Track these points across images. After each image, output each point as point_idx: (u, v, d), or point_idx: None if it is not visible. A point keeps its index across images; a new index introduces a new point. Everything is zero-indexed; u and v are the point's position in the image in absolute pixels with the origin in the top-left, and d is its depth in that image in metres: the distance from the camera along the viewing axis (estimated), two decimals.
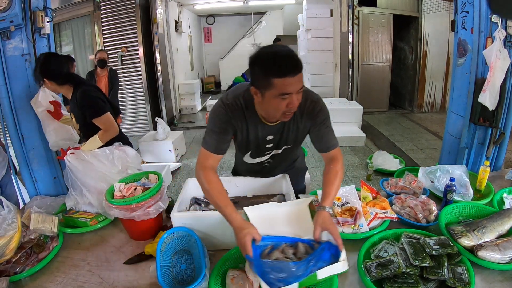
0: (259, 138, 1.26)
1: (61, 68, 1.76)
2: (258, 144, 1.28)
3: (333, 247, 0.99)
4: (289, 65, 0.97)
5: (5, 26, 1.62)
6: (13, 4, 1.60)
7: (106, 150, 1.55)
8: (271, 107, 1.07)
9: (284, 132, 1.26)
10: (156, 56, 5.46)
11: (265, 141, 1.28)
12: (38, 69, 1.70)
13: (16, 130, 1.77)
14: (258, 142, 1.28)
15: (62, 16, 5.18)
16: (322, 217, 1.06)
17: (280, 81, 0.98)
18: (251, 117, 1.19)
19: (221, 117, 1.18)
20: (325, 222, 1.05)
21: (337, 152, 1.26)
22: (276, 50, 1.01)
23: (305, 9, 6.24)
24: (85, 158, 1.50)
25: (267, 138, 1.26)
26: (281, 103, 1.03)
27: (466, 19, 1.84)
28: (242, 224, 1.00)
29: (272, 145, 1.30)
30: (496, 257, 1.04)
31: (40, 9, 1.73)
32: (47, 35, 1.84)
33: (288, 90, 1.00)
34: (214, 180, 1.13)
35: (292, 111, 1.08)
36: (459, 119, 2.00)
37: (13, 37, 1.68)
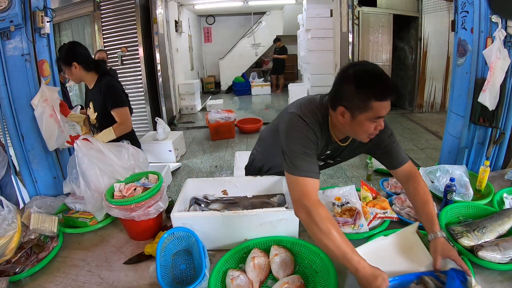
0: (322, 153, 1.21)
1: (89, 54, 1.86)
2: (319, 156, 1.21)
3: (460, 273, 0.93)
4: (390, 88, 0.94)
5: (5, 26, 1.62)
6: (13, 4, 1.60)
7: (122, 146, 1.50)
8: (361, 129, 1.01)
9: (341, 149, 1.22)
10: (156, 56, 5.46)
11: (325, 154, 1.24)
12: (66, 53, 1.78)
13: (16, 130, 1.77)
14: (319, 155, 1.21)
15: (62, 16, 5.18)
16: (440, 245, 0.99)
17: (379, 105, 0.94)
18: (324, 135, 1.12)
19: (311, 137, 1.06)
20: (445, 249, 0.97)
21: (412, 166, 1.19)
22: (374, 69, 0.96)
23: (305, 9, 6.24)
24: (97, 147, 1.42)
25: (325, 153, 1.23)
26: (371, 126, 0.99)
27: (466, 19, 1.84)
28: (375, 271, 0.87)
29: (326, 157, 1.28)
30: (496, 257, 1.03)
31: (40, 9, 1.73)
32: (47, 35, 1.84)
33: (383, 114, 0.97)
34: (331, 218, 0.95)
35: (377, 133, 1.04)
36: (459, 119, 2.00)
37: (13, 37, 1.68)
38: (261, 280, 1.04)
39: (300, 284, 1.00)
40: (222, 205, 1.41)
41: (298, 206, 0.99)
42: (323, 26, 6.13)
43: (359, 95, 0.95)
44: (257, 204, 1.40)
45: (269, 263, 1.09)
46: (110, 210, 1.25)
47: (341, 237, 0.91)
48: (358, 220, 1.27)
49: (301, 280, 1.01)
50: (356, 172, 3.81)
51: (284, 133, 1.08)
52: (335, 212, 1.31)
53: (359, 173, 3.76)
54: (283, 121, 1.13)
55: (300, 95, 6.72)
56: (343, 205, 1.35)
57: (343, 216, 1.29)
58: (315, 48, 6.28)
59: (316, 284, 1.03)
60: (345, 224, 1.26)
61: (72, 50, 1.79)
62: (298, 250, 1.15)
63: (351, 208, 1.33)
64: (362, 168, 3.90)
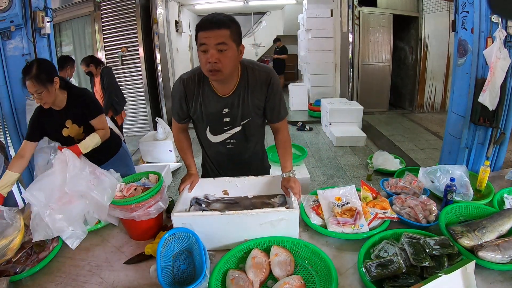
0: (214, 111, 1.35)
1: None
2: (215, 117, 1.36)
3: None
4: (209, 21, 1.13)
5: (6, 26, 1.62)
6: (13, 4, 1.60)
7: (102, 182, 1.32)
8: (200, 62, 1.20)
9: (239, 104, 1.33)
10: (156, 56, 5.46)
11: (222, 115, 1.35)
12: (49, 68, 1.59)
13: (16, 130, 1.78)
14: (214, 115, 1.36)
15: (62, 16, 5.18)
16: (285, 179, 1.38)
17: (200, 34, 1.15)
18: (206, 90, 1.32)
19: (177, 88, 1.35)
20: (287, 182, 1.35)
21: (282, 124, 1.45)
22: (210, 14, 1.17)
23: (305, 9, 6.24)
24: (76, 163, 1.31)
25: (223, 111, 1.35)
26: (203, 56, 1.16)
27: (466, 19, 1.84)
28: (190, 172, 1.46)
29: (230, 119, 1.37)
30: (496, 257, 1.03)
31: (40, 9, 1.74)
32: (47, 35, 1.84)
33: (204, 41, 1.13)
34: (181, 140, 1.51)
35: (214, 68, 1.16)
36: (459, 119, 2.00)
37: (14, 37, 1.68)
38: (261, 280, 1.04)
39: (300, 284, 1.00)
40: (222, 205, 1.41)
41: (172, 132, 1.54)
42: (323, 26, 6.13)
43: (196, 32, 1.18)
44: (258, 204, 1.40)
45: (269, 263, 1.09)
46: (110, 210, 1.25)
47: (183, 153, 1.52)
48: (358, 220, 1.26)
49: (301, 280, 1.01)
50: (356, 172, 3.81)
51: None
52: (335, 212, 1.31)
53: (359, 173, 3.76)
54: None
55: (300, 95, 6.72)
56: (343, 205, 1.35)
57: (343, 216, 1.29)
58: (315, 48, 6.27)
59: (316, 284, 1.03)
60: (345, 224, 1.26)
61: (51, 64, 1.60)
62: (298, 250, 1.15)
63: (351, 208, 1.33)
64: (362, 168, 3.90)
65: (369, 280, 0.99)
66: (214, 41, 1.12)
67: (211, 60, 1.14)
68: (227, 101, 1.32)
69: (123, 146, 2.06)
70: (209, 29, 1.13)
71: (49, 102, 1.60)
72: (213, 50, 1.13)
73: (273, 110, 1.39)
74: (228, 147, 1.46)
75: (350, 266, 1.10)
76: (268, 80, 1.32)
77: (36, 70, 1.52)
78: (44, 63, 1.60)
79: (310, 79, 6.59)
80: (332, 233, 1.24)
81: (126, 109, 5.44)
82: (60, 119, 1.68)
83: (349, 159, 4.20)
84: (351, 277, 1.06)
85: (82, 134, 1.73)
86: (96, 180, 1.30)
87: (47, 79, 1.55)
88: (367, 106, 5.52)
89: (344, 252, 1.19)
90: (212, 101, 1.33)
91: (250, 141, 1.48)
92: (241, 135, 1.43)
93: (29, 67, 1.54)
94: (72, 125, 1.70)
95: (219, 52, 1.14)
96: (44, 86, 1.53)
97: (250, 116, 1.38)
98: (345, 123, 5.01)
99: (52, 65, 1.66)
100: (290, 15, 8.31)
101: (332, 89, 6.51)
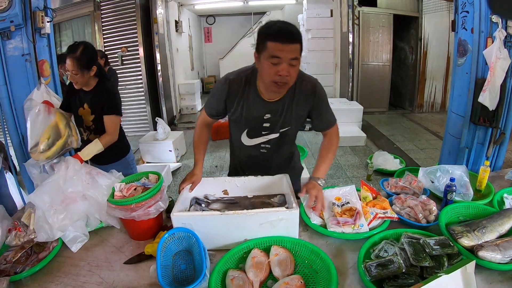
0: (256, 115, 1.32)
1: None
2: (256, 121, 1.34)
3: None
4: (284, 33, 1.09)
5: (5, 26, 1.62)
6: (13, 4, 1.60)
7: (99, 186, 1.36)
8: (264, 71, 1.15)
9: (282, 112, 1.31)
10: (156, 56, 5.46)
11: (263, 120, 1.33)
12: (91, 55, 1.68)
13: (16, 130, 1.78)
14: (255, 119, 1.34)
15: (62, 16, 5.18)
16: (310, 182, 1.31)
17: (273, 45, 1.09)
18: (251, 94, 1.29)
19: (220, 86, 1.32)
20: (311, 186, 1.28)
21: (334, 130, 1.42)
22: (279, 21, 1.13)
23: (305, 9, 6.24)
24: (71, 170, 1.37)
25: (265, 116, 1.32)
26: (271, 67, 1.12)
27: (466, 19, 1.84)
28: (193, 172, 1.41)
29: (269, 125, 1.35)
30: (496, 257, 1.03)
31: (40, 9, 1.74)
32: (47, 35, 1.84)
33: (278, 54, 1.09)
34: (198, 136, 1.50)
35: (282, 81, 1.14)
36: (459, 119, 2.00)
37: (13, 37, 1.68)
38: (261, 280, 1.04)
39: (300, 284, 1.00)
40: (222, 205, 1.41)
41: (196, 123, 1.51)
42: (323, 26, 6.13)
43: (261, 38, 1.14)
44: (258, 204, 1.40)
45: (269, 263, 1.09)
46: (111, 210, 1.25)
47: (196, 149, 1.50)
48: (358, 220, 1.26)
49: (301, 280, 1.01)
50: (356, 172, 3.81)
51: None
52: (335, 212, 1.31)
53: (359, 173, 3.76)
54: None
55: None
56: (343, 205, 1.35)
57: (343, 216, 1.29)
58: (315, 48, 6.27)
59: (316, 284, 1.03)
60: (345, 224, 1.26)
61: (95, 51, 1.71)
62: (298, 250, 1.15)
63: (351, 208, 1.33)
64: (362, 168, 3.90)
65: (369, 280, 0.99)
66: (289, 55, 1.10)
67: (282, 73, 1.11)
68: (271, 107, 1.30)
69: (128, 157, 2.06)
70: (284, 42, 1.09)
71: (80, 84, 1.74)
72: (285, 64, 1.11)
73: (321, 118, 1.38)
74: (261, 151, 1.45)
75: (350, 266, 1.10)
76: (313, 90, 1.31)
77: (80, 53, 1.64)
78: (89, 48, 1.70)
79: None
80: (332, 233, 1.24)
81: (126, 109, 5.46)
82: (82, 99, 1.81)
83: (349, 159, 4.20)
84: (351, 277, 1.06)
85: (91, 122, 1.83)
86: (91, 179, 1.35)
87: (86, 65, 1.68)
88: (367, 106, 5.52)
89: (344, 252, 1.19)
90: (256, 104, 1.30)
91: (283, 148, 1.47)
92: (276, 142, 1.42)
93: (75, 46, 1.65)
94: (87, 109, 1.80)
95: (290, 66, 1.12)
96: (81, 70, 1.67)
97: (289, 125, 1.36)
98: (345, 123, 5.01)
99: (95, 52, 1.75)
100: (290, 15, 8.30)
101: (332, 89, 6.51)
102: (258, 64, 1.19)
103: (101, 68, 1.82)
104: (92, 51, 1.72)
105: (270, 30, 1.12)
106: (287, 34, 1.09)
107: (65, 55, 1.66)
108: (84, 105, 1.80)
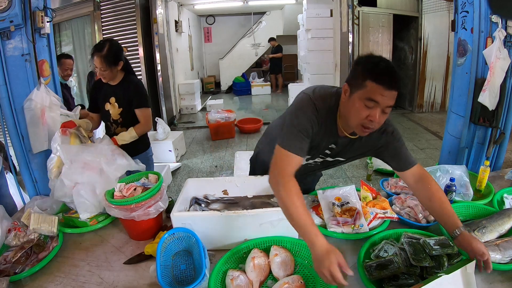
0: (325, 144, 1.21)
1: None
2: (318, 149, 1.22)
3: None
4: (391, 77, 0.98)
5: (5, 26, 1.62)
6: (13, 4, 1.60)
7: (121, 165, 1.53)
8: (353, 109, 1.03)
9: (346, 145, 1.21)
10: (156, 56, 5.45)
11: (327, 148, 1.23)
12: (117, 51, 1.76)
13: (16, 130, 1.77)
14: (322, 147, 1.22)
15: (62, 16, 5.17)
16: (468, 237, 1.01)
17: (374, 86, 0.97)
18: (329, 126, 1.14)
19: (309, 116, 1.08)
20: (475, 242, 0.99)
21: (422, 169, 1.20)
22: (383, 60, 1.02)
23: (305, 9, 6.23)
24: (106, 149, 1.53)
25: (330, 146, 1.22)
26: (364, 109, 1.00)
27: (466, 19, 1.84)
28: (330, 247, 0.90)
29: (330, 153, 1.26)
30: (496, 257, 1.04)
31: (40, 9, 1.73)
32: (47, 35, 1.84)
33: (377, 99, 0.98)
34: (298, 192, 1.00)
35: (370, 126, 1.03)
36: (459, 119, 2.00)
37: (13, 37, 1.68)
38: (261, 280, 1.04)
39: (300, 284, 1.00)
40: (222, 205, 1.41)
41: (272, 175, 1.07)
42: (323, 26, 6.12)
43: (360, 72, 1.01)
44: (257, 204, 1.40)
45: (269, 263, 1.09)
46: (110, 210, 1.25)
47: (304, 210, 0.97)
48: (358, 220, 1.26)
49: (301, 280, 1.01)
50: (356, 172, 3.81)
51: (290, 109, 1.14)
52: (335, 212, 1.31)
53: (359, 173, 3.76)
54: (293, 102, 1.17)
55: None
56: (343, 205, 1.35)
57: (343, 216, 1.29)
58: (315, 48, 6.27)
59: (316, 284, 1.03)
60: (345, 224, 1.26)
61: (120, 47, 1.80)
62: (298, 250, 1.15)
63: (351, 208, 1.33)
64: (362, 168, 3.90)
65: (369, 280, 0.99)
66: (387, 102, 0.99)
67: (374, 119, 1.00)
68: (340, 140, 1.20)
69: (148, 152, 2.11)
70: (387, 88, 0.97)
71: (108, 79, 1.82)
72: (380, 110, 1.00)
73: (397, 156, 1.20)
74: (309, 165, 1.35)
75: (350, 266, 1.09)
76: (381, 130, 1.16)
77: (107, 50, 1.73)
78: (115, 45, 1.79)
79: (309, 79, 6.58)
80: (332, 233, 1.24)
81: None
82: (108, 93, 1.88)
83: None
84: (351, 277, 1.06)
85: (118, 115, 1.90)
86: (111, 156, 1.50)
87: (114, 61, 1.76)
88: None
89: (344, 252, 1.18)
90: (328, 137, 1.18)
91: (328, 168, 1.42)
92: (326, 164, 1.35)
93: (101, 45, 1.74)
94: (114, 103, 1.87)
95: (383, 113, 1.01)
96: (109, 66, 1.75)
97: (345, 158, 1.30)
98: None
99: (120, 48, 1.83)
100: (289, 15, 8.30)
101: None
102: (347, 98, 1.05)
103: (127, 62, 1.89)
104: (118, 47, 1.81)
105: (375, 69, 0.98)
106: (393, 79, 0.98)
107: (92, 53, 1.76)
108: (111, 99, 1.88)
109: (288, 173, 1.04)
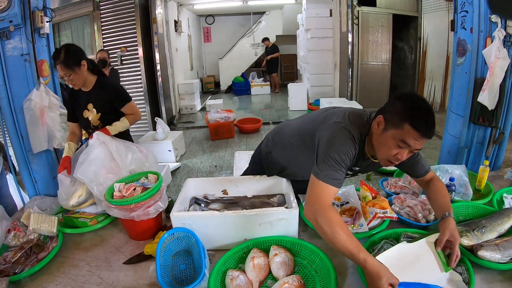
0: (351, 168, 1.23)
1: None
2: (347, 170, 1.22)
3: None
4: (430, 128, 0.99)
5: (5, 26, 1.62)
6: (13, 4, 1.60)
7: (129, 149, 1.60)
8: (385, 145, 1.06)
9: (370, 165, 1.26)
10: (156, 56, 5.45)
11: (351, 170, 1.26)
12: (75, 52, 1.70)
13: (15, 130, 1.77)
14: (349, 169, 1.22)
15: (61, 16, 5.17)
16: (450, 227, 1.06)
17: (410, 130, 0.99)
18: (359, 152, 1.15)
19: (348, 149, 1.08)
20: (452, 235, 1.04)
21: (433, 173, 1.29)
22: (427, 107, 1.02)
23: (304, 9, 6.24)
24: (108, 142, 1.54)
25: (354, 168, 1.25)
26: (394, 148, 1.04)
27: (466, 18, 1.84)
28: (381, 271, 0.90)
29: (352, 173, 1.30)
30: (495, 256, 1.04)
31: (40, 9, 1.73)
32: (46, 35, 1.84)
33: (409, 142, 1.01)
34: (338, 220, 1.00)
35: (395, 162, 1.09)
36: (458, 118, 2.00)
37: (13, 37, 1.68)
38: (261, 280, 1.04)
39: (300, 284, 1.00)
40: (222, 205, 1.41)
41: (309, 208, 1.05)
42: (322, 26, 6.13)
43: (400, 111, 1.01)
44: (257, 204, 1.40)
45: (268, 263, 1.09)
46: (110, 210, 1.25)
47: (348, 237, 0.95)
48: (358, 220, 1.27)
49: (301, 280, 1.01)
50: None
51: (326, 140, 1.11)
52: None
53: None
54: (327, 128, 1.15)
55: (300, 94, 6.72)
56: (343, 204, 1.36)
57: (342, 216, 1.29)
58: (314, 48, 6.27)
59: (316, 284, 1.03)
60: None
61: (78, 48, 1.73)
62: (298, 250, 1.15)
63: (351, 208, 1.33)
64: None
65: None
66: (418, 147, 1.03)
67: (401, 158, 1.05)
68: (364, 162, 1.24)
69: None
70: (423, 137, 1.00)
71: (79, 84, 1.74)
72: (408, 151, 1.05)
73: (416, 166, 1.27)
74: None
75: (349, 266, 1.10)
76: None
77: (63, 55, 1.66)
78: (71, 48, 1.72)
79: (309, 78, 6.59)
80: None
81: None
82: (85, 101, 1.82)
83: None
84: (351, 277, 1.06)
85: (98, 120, 1.84)
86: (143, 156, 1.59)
87: (74, 63, 1.68)
88: (366, 106, 5.50)
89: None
90: (357, 160, 1.18)
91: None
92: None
93: (58, 52, 1.67)
94: (92, 109, 1.82)
95: (409, 152, 1.06)
96: (72, 70, 1.67)
97: (363, 172, 1.34)
98: None
99: (79, 49, 1.76)
100: (289, 14, 8.30)
101: (332, 88, 6.51)
102: (380, 131, 1.07)
103: (93, 62, 1.83)
104: (75, 49, 1.73)
105: (417, 113, 0.99)
106: (431, 129, 1.00)
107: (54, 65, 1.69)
108: (88, 105, 1.81)
109: (326, 205, 1.03)
